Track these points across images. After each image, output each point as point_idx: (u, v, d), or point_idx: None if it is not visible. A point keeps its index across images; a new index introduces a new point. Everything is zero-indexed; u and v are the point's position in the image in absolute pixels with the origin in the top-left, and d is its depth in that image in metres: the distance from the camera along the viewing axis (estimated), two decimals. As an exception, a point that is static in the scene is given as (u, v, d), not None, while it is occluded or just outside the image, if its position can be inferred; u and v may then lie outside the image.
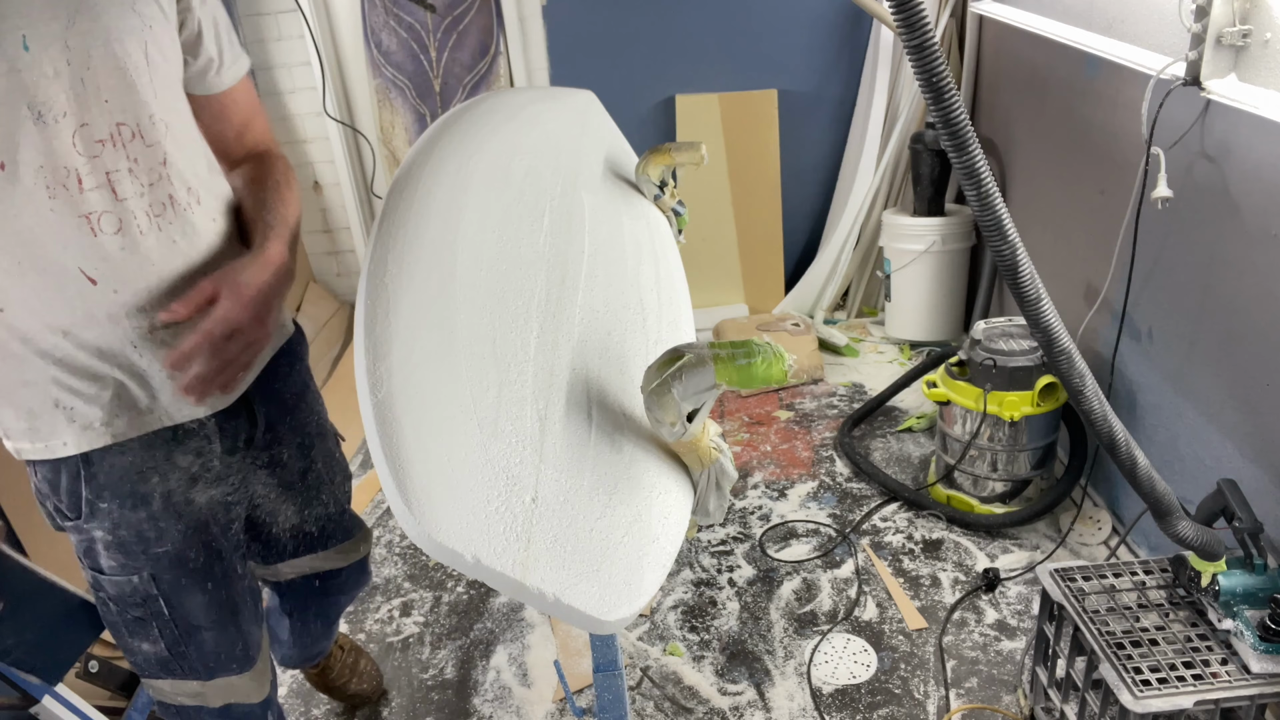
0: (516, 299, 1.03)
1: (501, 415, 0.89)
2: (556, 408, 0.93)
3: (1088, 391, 1.28)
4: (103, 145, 1.08)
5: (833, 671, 2.12)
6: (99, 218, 1.09)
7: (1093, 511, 2.56)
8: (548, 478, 0.86)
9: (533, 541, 0.81)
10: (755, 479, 2.87)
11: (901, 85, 3.55)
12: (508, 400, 0.91)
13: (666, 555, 0.88)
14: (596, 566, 0.82)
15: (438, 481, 0.80)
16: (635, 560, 0.84)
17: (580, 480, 0.88)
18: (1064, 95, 2.67)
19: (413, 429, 0.82)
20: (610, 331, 1.07)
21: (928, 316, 3.52)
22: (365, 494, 2.96)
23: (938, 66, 0.96)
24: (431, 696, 2.16)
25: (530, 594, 0.78)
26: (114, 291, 1.12)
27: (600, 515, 0.86)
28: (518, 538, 0.80)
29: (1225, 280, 1.95)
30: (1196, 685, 1.52)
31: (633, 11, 3.54)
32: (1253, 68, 1.81)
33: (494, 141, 1.25)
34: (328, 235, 3.96)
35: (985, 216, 1.08)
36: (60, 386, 1.14)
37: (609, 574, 0.83)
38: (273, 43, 3.59)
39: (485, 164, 1.19)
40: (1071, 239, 2.67)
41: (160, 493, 1.24)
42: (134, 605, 1.28)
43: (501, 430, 0.87)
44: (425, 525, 0.77)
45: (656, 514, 0.89)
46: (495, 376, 0.92)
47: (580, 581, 0.81)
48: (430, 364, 0.90)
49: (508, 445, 0.86)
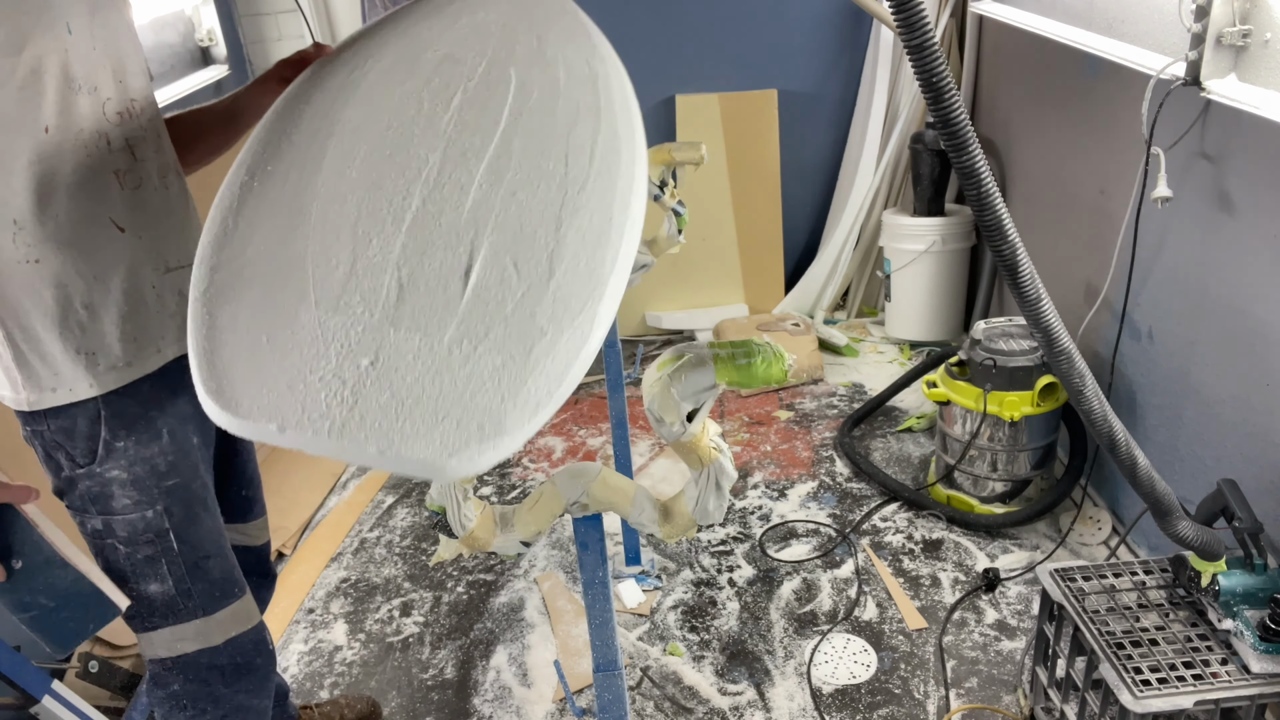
0: (396, 181, 1.06)
1: (349, 289, 0.93)
2: (426, 272, 0.96)
3: (1088, 391, 1.28)
4: (121, 117, 1.27)
5: (833, 671, 2.12)
6: (124, 174, 1.27)
7: (1093, 511, 2.56)
8: (396, 340, 0.89)
9: (360, 402, 0.83)
10: (755, 479, 2.87)
11: (901, 85, 3.55)
12: (361, 273, 0.94)
13: (541, 394, 0.87)
14: (443, 415, 0.84)
15: (245, 362, 0.86)
16: (496, 404, 0.85)
17: (441, 335, 0.90)
18: (1064, 95, 2.67)
19: (229, 318, 0.89)
20: (515, 192, 1.07)
21: (928, 316, 3.52)
22: (365, 494, 2.96)
23: (938, 66, 0.96)
24: (431, 696, 2.16)
25: (348, 451, 0.81)
26: (138, 238, 1.28)
27: (460, 366, 0.88)
28: (341, 402, 0.83)
29: (1225, 280, 1.95)
30: (1196, 685, 1.52)
31: (633, 11, 3.54)
32: (1253, 68, 1.81)
33: (401, 41, 1.26)
34: (328, 235, 3.96)
35: (985, 216, 1.08)
36: (87, 332, 1.26)
37: (458, 420, 0.84)
38: (273, 43, 3.59)
39: (386, 61, 1.21)
40: (1071, 239, 2.67)
41: (168, 428, 1.35)
42: (145, 543, 1.36)
43: (345, 303, 0.91)
44: (224, 404, 0.83)
45: (536, 355, 0.89)
46: (348, 254, 0.96)
47: (419, 432, 0.82)
48: (269, 256, 0.96)
49: (349, 316, 0.90)
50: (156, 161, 1.33)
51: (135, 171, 1.29)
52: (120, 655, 2.18)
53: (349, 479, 3.05)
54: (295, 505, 2.87)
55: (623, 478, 1.36)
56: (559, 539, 2.64)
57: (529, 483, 2.97)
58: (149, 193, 1.31)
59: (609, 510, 1.33)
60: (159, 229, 1.33)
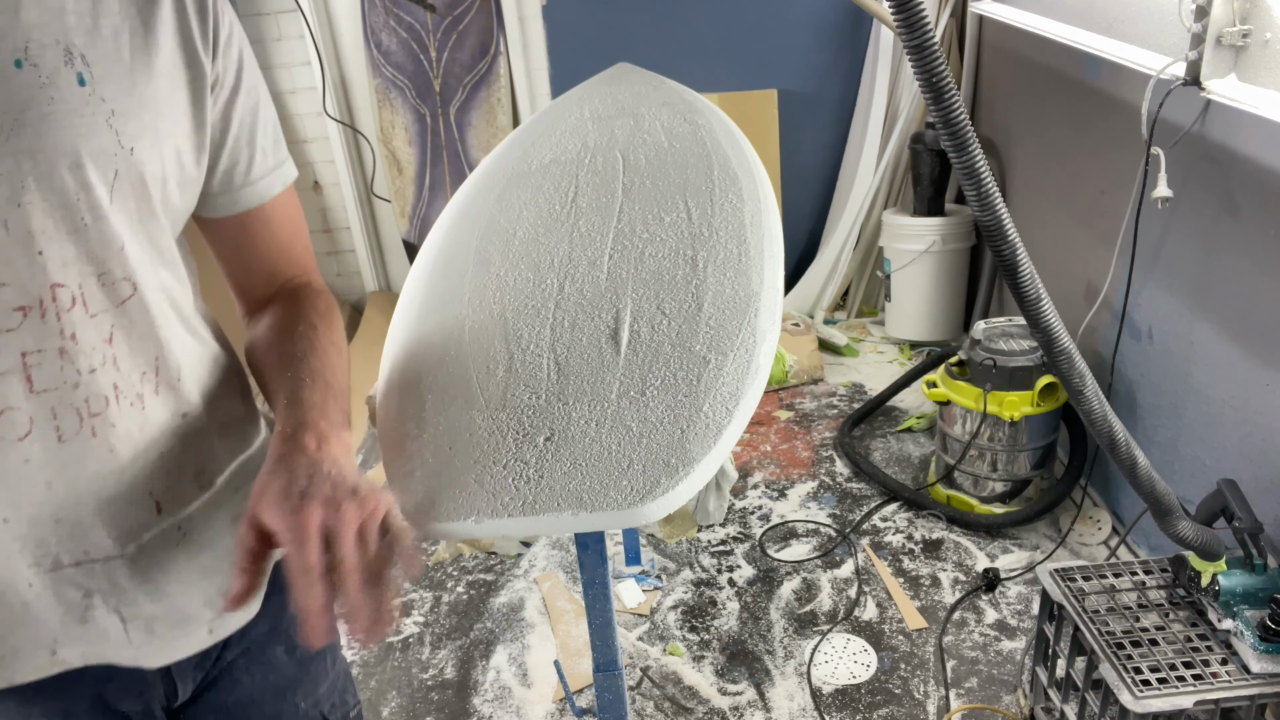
0: (534, 277, 1.13)
1: (511, 385, 0.98)
2: (579, 345, 1.01)
3: (1088, 391, 1.28)
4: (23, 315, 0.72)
5: (833, 671, 2.12)
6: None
7: (1093, 511, 2.56)
8: (566, 412, 0.93)
9: (545, 476, 0.86)
10: (755, 479, 2.87)
11: (901, 85, 3.55)
12: (519, 367, 1.00)
13: (720, 418, 0.89)
14: (627, 464, 0.86)
15: (436, 476, 0.89)
16: (676, 438, 0.87)
17: (608, 393, 0.94)
18: (1064, 95, 2.67)
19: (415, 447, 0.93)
20: (643, 251, 1.15)
21: (928, 316, 3.52)
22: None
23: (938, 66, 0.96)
24: (431, 696, 2.16)
25: (544, 524, 0.84)
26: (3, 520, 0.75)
27: (633, 415, 0.91)
28: (528, 481, 0.86)
29: (1225, 280, 1.95)
30: (1196, 685, 1.52)
31: (633, 11, 3.54)
32: (1253, 68, 1.81)
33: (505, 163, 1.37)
34: (328, 235, 3.96)
35: (985, 216, 1.08)
36: None
37: (644, 464, 0.86)
38: (273, 43, 3.59)
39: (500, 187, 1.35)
40: (1071, 239, 2.67)
41: None
42: None
43: (511, 397, 0.96)
44: (422, 514, 0.85)
45: (705, 383, 0.92)
46: (504, 354, 1.02)
47: (607, 487, 0.84)
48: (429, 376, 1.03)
49: (518, 407, 0.95)
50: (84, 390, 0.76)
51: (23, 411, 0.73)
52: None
53: (349, 479, 3.05)
54: (295, 505, 2.86)
55: None
56: (559, 539, 2.64)
57: (529, 483, 2.96)
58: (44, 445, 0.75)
59: None
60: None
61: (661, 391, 0.92)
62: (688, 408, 0.90)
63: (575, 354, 0.99)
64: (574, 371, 0.97)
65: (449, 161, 3.75)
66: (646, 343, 0.98)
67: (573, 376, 0.97)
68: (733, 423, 0.88)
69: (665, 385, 0.93)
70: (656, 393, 0.92)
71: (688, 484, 0.84)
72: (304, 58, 3.58)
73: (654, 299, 1.04)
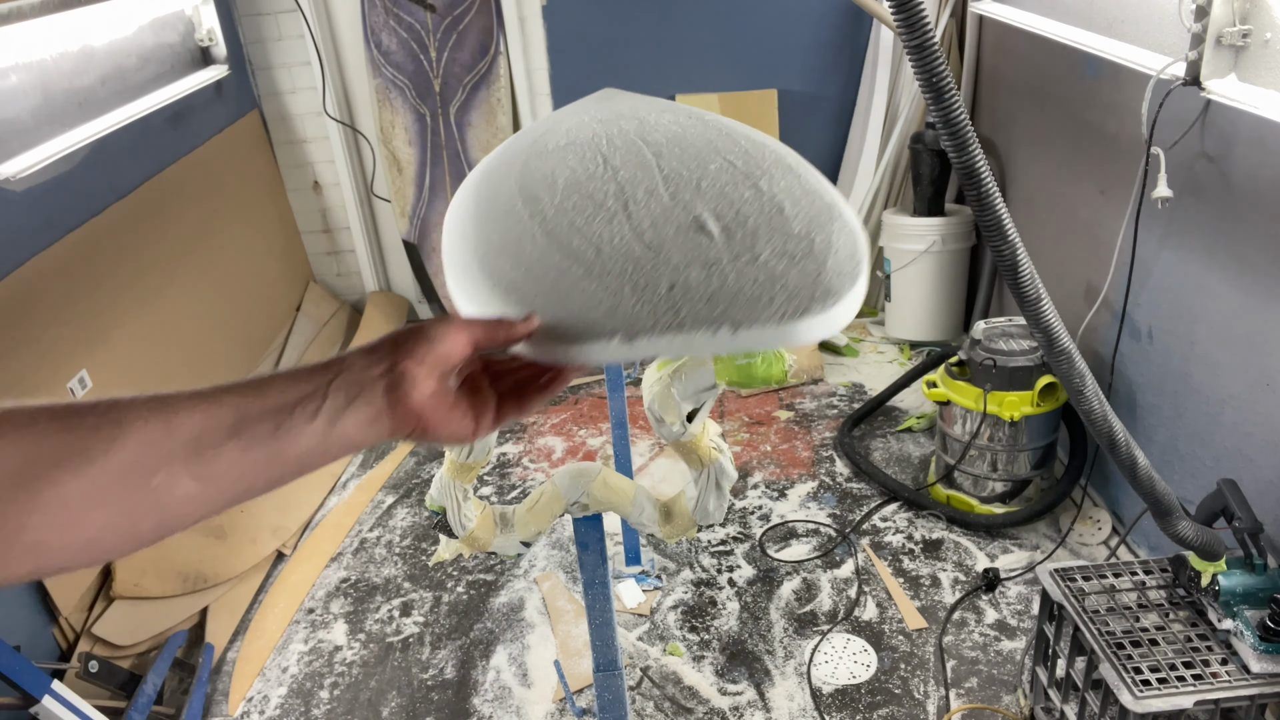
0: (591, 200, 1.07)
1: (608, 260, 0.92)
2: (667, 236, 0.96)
3: (1088, 391, 1.28)
4: None
5: (833, 671, 2.12)
6: None
7: (1093, 511, 2.56)
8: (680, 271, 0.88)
9: (683, 309, 0.82)
10: (755, 479, 2.87)
11: (901, 85, 3.55)
12: (609, 252, 0.94)
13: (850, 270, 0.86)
14: (769, 296, 0.82)
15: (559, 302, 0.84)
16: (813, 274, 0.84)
17: (719, 260, 0.89)
18: (1064, 95, 2.67)
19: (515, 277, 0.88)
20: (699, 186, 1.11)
21: (928, 316, 3.52)
22: (365, 494, 2.96)
23: (938, 66, 0.96)
24: (431, 696, 2.16)
25: (699, 342, 0.79)
26: None
27: (755, 271, 0.87)
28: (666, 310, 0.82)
29: (1225, 280, 1.95)
30: (1196, 685, 1.52)
31: (633, 11, 3.54)
32: (1253, 68, 1.81)
33: (516, 145, 1.30)
34: (327, 235, 3.96)
35: (985, 216, 1.08)
36: None
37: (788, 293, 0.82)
38: (273, 43, 3.59)
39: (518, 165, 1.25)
40: (1071, 239, 2.67)
41: None
42: None
43: (613, 269, 0.91)
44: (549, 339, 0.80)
45: (817, 252, 0.88)
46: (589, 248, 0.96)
47: (755, 311, 0.81)
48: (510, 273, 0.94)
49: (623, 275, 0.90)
50: None
51: None
52: (120, 655, 2.19)
53: (349, 479, 3.05)
54: (295, 505, 2.86)
55: (623, 478, 1.37)
56: (559, 539, 2.64)
57: (529, 483, 2.97)
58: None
59: (609, 510, 1.34)
60: None
61: (777, 257, 0.87)
62: (813, 263, 0.86)
63: (667, 240, 0.94)
64: (672, 250, 0.91)
65: (449, 161, 3.75)
66: (740, 229, 0.93)
67: (673, 251, 0.91)
68: (859, 281, 0.85)
69: (778, 254, 0.88)
70: (771, 258, 0.87)
71: (841, 308, 0.82)
72: (304, 58, 3.58)
73: (730, 207, 0.98)
